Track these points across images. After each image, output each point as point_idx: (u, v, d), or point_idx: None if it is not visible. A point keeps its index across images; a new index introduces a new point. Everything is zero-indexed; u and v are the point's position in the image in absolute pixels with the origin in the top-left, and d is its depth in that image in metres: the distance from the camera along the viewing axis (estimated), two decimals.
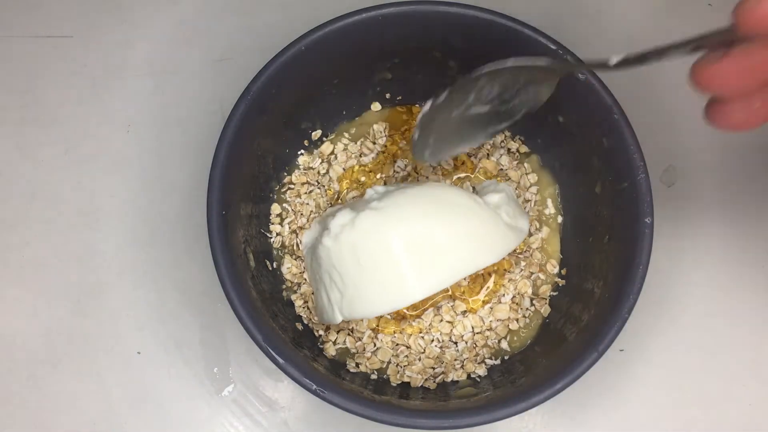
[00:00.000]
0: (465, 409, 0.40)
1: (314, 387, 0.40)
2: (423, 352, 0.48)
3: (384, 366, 0.48)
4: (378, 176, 0.51)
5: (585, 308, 0.45)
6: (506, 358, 0.48)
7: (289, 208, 0.51)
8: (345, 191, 0.51)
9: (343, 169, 0.51)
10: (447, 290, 0.49)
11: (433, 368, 0.48)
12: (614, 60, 0.34)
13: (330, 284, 0.43)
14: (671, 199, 0.54)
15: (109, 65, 0.56)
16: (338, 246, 0.42)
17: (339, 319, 0.43)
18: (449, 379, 0.47)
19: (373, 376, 0.48)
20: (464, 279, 0.48)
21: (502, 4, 0.48)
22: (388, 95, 0.53)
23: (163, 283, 0.52)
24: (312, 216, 0.50)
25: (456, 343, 0.48)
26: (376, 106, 0.53)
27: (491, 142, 0.52)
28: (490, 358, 0.48)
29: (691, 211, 0.54)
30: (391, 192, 0.43)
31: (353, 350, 0.48)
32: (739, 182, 0.54)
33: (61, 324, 0.51)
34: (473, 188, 0.50)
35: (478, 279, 0.49)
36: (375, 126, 0.52)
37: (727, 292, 0.52)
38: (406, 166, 0.51)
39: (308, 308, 0.49)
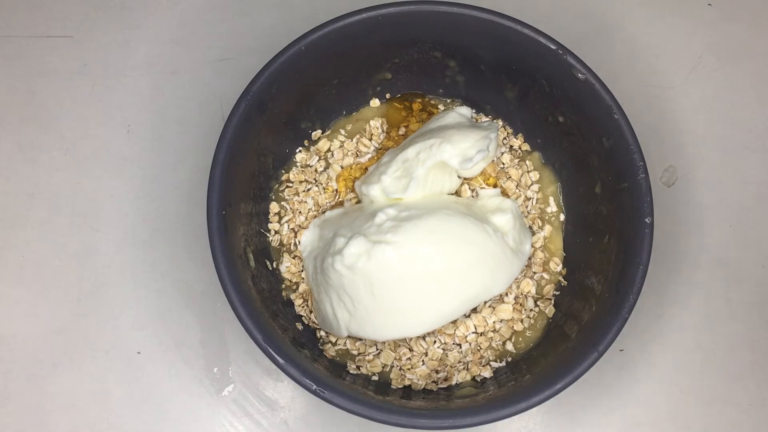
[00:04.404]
0: (465, 409, 0.40)
1: (314, 387, 0.40)
2: (426, 354, 0.48)
3: (386, 369, 0.48)
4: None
5: (586, 306, 0.45)
6: (510, 359, 0.48)
7: (288, 207, 0.51)
8: (344, 191, 0.51)
9: (341, 167, 0.51)
10: None
11: (437, 371, 0.48)
12: None
13: (338, 302, 0.44)
14: (671, 199, 0.54)
15: (109, 65, 0.56)
16: (352, 274, 0.43)
17: (345, 334, 0.45)
18: (453, 383, 0.47)
19: (374, 378, 0.47)
20: None
21: (502, 4, 0.48)
22: (388, 95, 0.53)
23: (163, 283, 0.52)
24: (310, 214, 0.50)
25: (459, 344, 0.48)
26: (375, 103, 0.53)
27: None
28: (495, 361, 0.48)
29: (691, 211, 0.54)
30: (404, 221, 0.43)
31: (354, 352, 0.48)
32: (738, 182, 0.54)
33: (61, 324, 0.51)
34: (472, 191, 0.50)
35: None
36: (372, 122, 0.52)
37: (727, 292, 0.52)
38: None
39: (308, 307, 0.49)
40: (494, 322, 0.48)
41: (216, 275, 0.42)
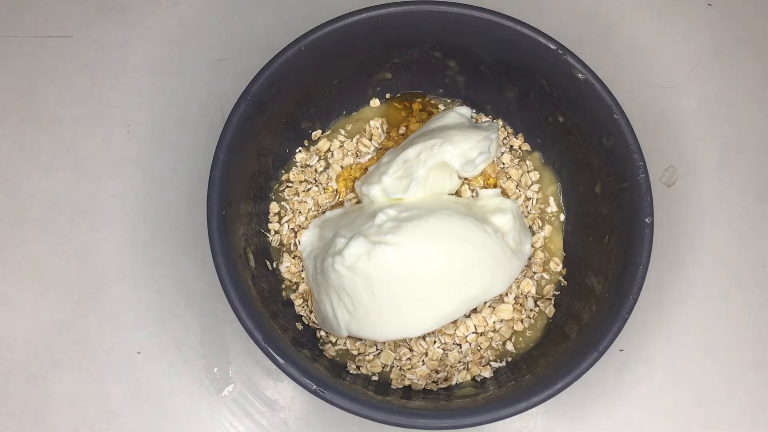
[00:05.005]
0: (466, 409, 0.40)
1: (314, 387, 0.40)
2: (426, 354, 0.47)
3: (386, 369, 0.48)
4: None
5: (586, 306, 0.45)
6: (510, 359, 0.48)
7: (288, 207, 0.51)
8: (344, 191, 0.51)
9: (341, 167, 0.51)
10: None
11: (437, 371, 0.48)
12: None
13: (338, 302, 0.44)
14: (671, 199, 0.54)
15: (109, 65, 0.56)
16: (352, 275, 0.43)
17: (345, 334, 0.45)
18: (453, 383, 0.47)
19: (374, 378, 0.47)
20: None
21: (502, 4, 0.48)
22: (388, 95, 0.53)
23: (163, 283, 0.52)
24: (310, 214, 0.50)
25: (459, 344, 0.48)
26: (375, 103, 0.53)
27: None
28: (495, 361, 0.48)
29: (691, 211, 0.54)
30: (405, 222, 0.43)
31: (354, 352, 0.48)
32: (739, 182, 0.54)
33: (61, 324, 0.51)
34: (472, 191, 0.50)
35: None
36: (371, 122, 0.52)
37: (727, 292, 0.52)
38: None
39: (308, 307, 0.49)
40: (494, 322, 0.48)
41: (216, 275, 0.42)
